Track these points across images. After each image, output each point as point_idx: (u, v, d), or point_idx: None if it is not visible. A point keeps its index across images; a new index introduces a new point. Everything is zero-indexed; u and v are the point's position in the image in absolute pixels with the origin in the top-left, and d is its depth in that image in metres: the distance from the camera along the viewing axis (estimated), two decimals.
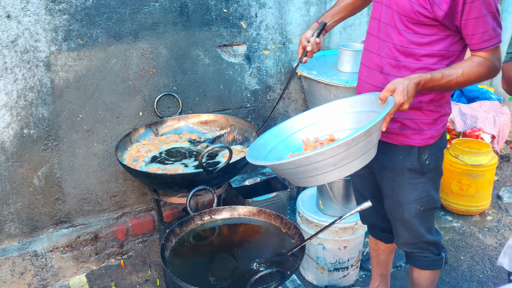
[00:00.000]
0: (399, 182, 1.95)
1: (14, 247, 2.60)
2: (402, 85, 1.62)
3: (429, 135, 1.88)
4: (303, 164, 1.56)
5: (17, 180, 2.50)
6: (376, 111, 1.72)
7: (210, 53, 2.86)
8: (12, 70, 2.32)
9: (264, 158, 1.85)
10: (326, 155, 1.52)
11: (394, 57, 1.80)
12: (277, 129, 1.98)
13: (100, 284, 2.72)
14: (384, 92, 1.65)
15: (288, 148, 1.93)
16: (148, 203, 2.97)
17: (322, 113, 1.96)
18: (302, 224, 2.69)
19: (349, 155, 1.56)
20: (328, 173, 1.60)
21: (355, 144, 1.53)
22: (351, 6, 2.14)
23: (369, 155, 1.67)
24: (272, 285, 1.59)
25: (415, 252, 2.09)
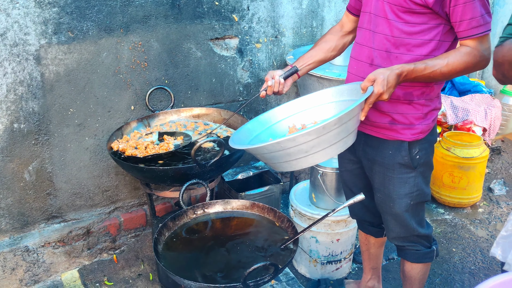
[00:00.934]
0: (390, 177, 1.95)
1: (5, 243, 2.58)
2: (382, 75, 1.62)
3: (420, 129, 1.87)
4: (275, 149, 1.58)
5: (7, 175, 2.48)
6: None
7: (202, 46, 2.84)
8: (1, 63, 2.29)
9: (249, 143, 1.86)
10: (296, 142, 1.53)
11: (385, 48, 1.80)
12: (263, 117, 1.99)
13: (93, 279, 2.71)
14: (365, 82, 1.66)
15: (273, 135, 1.95)
16: (140, 198, 2.95)
17: (308, 102, 1.98)
18: (295, 217, 2.69)
19: (321, 143, 1.57)
20: (302, 159, 1.62)
21: (326, 132, 1.54)
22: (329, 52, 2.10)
23: (345, 143, 1.67)
24: (265, 278, 1.59)
25: (406, 246, 2.10)
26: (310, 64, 2.09)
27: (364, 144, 1.97)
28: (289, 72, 2.03)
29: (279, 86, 2.00)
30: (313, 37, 3.25)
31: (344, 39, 2.10)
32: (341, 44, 2.10)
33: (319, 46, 2.10)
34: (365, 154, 1.91)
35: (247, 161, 3.29)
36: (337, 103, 1.91)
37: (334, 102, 1.92)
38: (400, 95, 1.82)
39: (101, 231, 2.82)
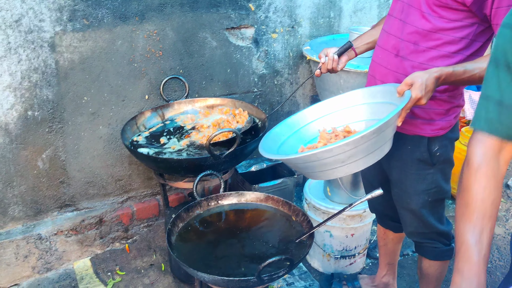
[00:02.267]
0: (407, 172, 1.90)
1: (18, 230, 2.58)
2: (420, 79, 1.56)
3: (440, 126, 1.81)
4: (311, 160, 1.54)
5: (21, 162, 2.47)
6: (394, 104, 1.65)
7: (217, 36, 2.80)
8: (16, 50, 2.28)
9: (277, 149, 1.82)
10: (333, 153, 1.49)
11: (413, 40, 1.73)
12: (291, 120, 1.94)
13: (105, 268, 2.71)
14: (402, 86, 1.59)
15: (301, 140, 1.89)
16: (153, 188, 2.94)
17: (339, 103, 1.91)
18: (309, 211, 2.66)
19: (358, 152, 1.52)
20: (337, 169, 1.57)
21: (364, 142, 1.49)
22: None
23: (381, 151, 1.62)
24: (280, 272, 1.56)
25: (424, 242, 2.06)
26: (369, 43, 2.05)
27: None
28: (343, 48, 1.98)
29: (332, 63, 1.96)
30: (330, 28, 3.20)
31: None
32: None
33: (380, 26, 2.02)
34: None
35: None
36: (369, 105, 1.84)
37: (366, 104, 1.84)
38: None
39: (113, 221, 2.82)
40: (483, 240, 1.15)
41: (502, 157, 1.16)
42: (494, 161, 1.16)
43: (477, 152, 1.16)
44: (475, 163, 1.16)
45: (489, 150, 1.15)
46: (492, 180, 1.16)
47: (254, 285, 1.57)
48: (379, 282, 2.51)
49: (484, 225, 1.16)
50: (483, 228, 1.16)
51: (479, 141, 1.17)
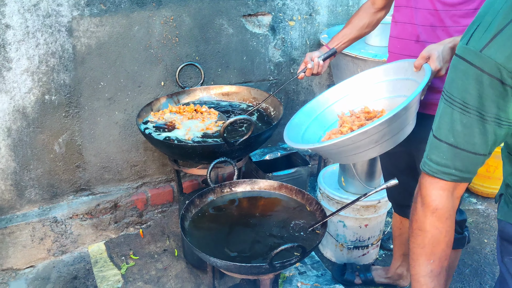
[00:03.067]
0: None
1: (34, 213, 2.62)
2: (437, 52, 1.56)
3: None
4: (345, 144, 1.54)
5: (38, 146, 2.50)
6: (411, 79, 1.67)
7: (234, 23, 2.78)
8: (34, 34, 2.29)
9: (301, 138, 1.82)
10: (368, 134, 1.49)
11: (429, 23, 1.73)
12: (307, 108, 1.95)
13: (119, 252, 2.74)
14: (419, 60, 1.60)
15: (322, 125, 1.90)
16: (168, 174, 2.95)
17: (353, 84, 1.92)
18: (323, 200, 2.64)
19: (392, 130, 1.54)
20: (370, 149, 1.58)
21: (397, 119, 1.50)
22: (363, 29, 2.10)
23: (409, 127, 1.64)
24: (292, 260, 1.55)
25: None
26: (345, 43, 2.11)
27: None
28: (328, 54, 2.07)
29: (318, 68, 2.03)
30: (348, 16, 3.15)
31: (377, 15, 2.09)
32: (374, 20, 2.09)
33: (352, 24, 2.10)
34: (413, 133, 1.85)
35: (275, 142, 3.25)
36: (384, 83, 1.84)
37: (381, 83, 1.85)
38: None
39: (128, 206, 2.84)
40: (441, 281, 1.16)
41: (456, 194, 1.15)
42: (449, 201, 1.15)
43: (432, 194, 1.14)
44: (431, 205, 1.15)
45: (444, 191, 1.14)
46: (448, 221, 1.16)
47: (266, 271, 1.57)
48: (393, 274, 2.50)
49: (441, 266, 1.17)
50: (440, 270, 1.17)
51: (433, 183, 1.14)
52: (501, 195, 1.32)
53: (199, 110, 2.42)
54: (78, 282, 2.54)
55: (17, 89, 2.34)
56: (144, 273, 2.59)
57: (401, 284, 2.52)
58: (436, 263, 1.17)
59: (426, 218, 1.16)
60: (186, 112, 2.41)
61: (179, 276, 2.58)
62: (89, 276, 2.58)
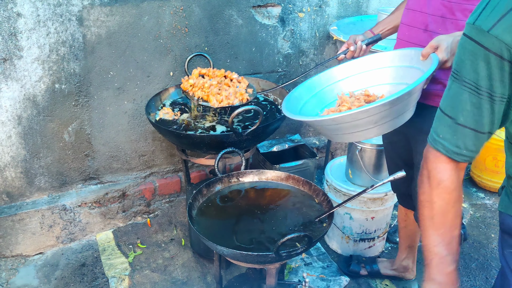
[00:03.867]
0: None
1: (43, 200, 2.65)
2: (446, 42, 1.56)
3: None
4: (345, 121, 1.55)
5: (47, 134, 2.52)
6: (416, 68, 1.67)
7: (243, 14, 2.78)
8: (45, 23, 2.31)
9: (299, 112, 1.82)
10: (369, 113, 1.50)
11: (440, 13, 1.72)
12: (311, 82, 1.94)
13: (126, 241, 2.76)
14: (427, 49, 1.60)
15: (321, 103, 1.91)
16: (175, 164, 2.97)
17: (356, 67, 1.92)
18: (330, 192, 2.65)
19: (391, 113, 1.54)
20: (368, 130, 1.59)
21: (399, 102, 1.51)
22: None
23: (408, 114, 1.65)
24: (298, 249, 1.56)
25: None
26: (390, 29, 2.08)
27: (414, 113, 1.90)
28: (372, 40, 2.04)
29: (360, 51, 2.00)
30: (358, 9, 3.14)
31: None
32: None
33: (400, 11, 2.05)
34: (412, 122, 1.85)
35: (283, 134, 3.25)
36: (388, 69, 1.85)
37: (385, 68, 1.85)
38: None
39: (136, 195, 2.86)
40: (453, 249, 1.17)
41: (460, 166, 1.15)
42: (454, 173, 1.15)
43: (438, 167, 1.15)
44: (436, 178, 1.15)
45: (449, 164, 1.14)
46: (455, 192, 1.16)
47: (272, 260, 1.58)
48: (399, 266, 2.50)
49: (452, 235, 1.17)
50: (451, 239, 1.17)
51: (438, 157, 1.15)
52: (503, 188, 1.32)
53: (229, 76, 2.35)
54: (86, 269, 2.57)
55: (28, 78, 2.36)
56: (151, 261, 2.62)
57: (406, 277, 2.52)
58: (446, 233, 1.17)
59: (432, 190, 1.16)
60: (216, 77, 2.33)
61: (185, 265, 2.60)
62: (97, 264, 2.61)
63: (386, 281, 2.54)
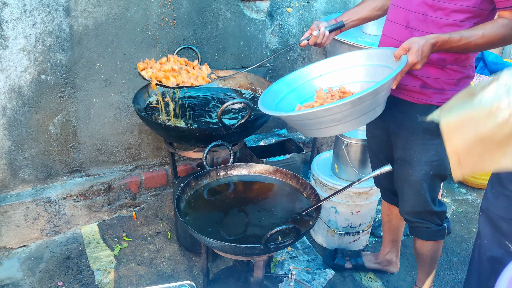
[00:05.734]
0: (413, 141, 1.92)
1: (28, 193, 2.62)
2: (417, 45, 1.60)
3: (450, 95, 1.83)
4: (309, 118, 1.60)
5: (32, 126, 2.49)
6: (390, 67, 1.73)
7: (232, 7, 2.78)
8: (31, 13, 2.27)
9: (276, 106, 1.86)
10: (331, 112, 1.54)
11: (422, 11, 1.75)
12: (289, 78, 1.99)
13: (112, 234, 2.75)
14: (399, 50, 1.65)
15: (299, 97, 1.95)
16: (162, 158, 2.96)
17: (336, 63, 1.96)
18: (316, 186, 2.67)
19: (354, 112, 1.58)
20: (333, 127, 1.63)
21: (361, 102, 1.54)
22: (375, 10, 2.05)
23: (375, 113, 1.68)
24: (286, 241, 1.58)
25: (416, 222, 2.08)
26: (354, 21, 2.07)
27: (393, 108, 1.93)
28: (336, 26, 2.02)
29: (323, 38, 1.98)
30: (346, 4, 3.16)
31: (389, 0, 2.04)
32: (387, 4, 2.03)
33: (366, 3, 2.06)
34: (393, 118, 1.88)
35: (270, 128, 3.26)
36: (365, 67, 1.89)
37: (362, 66, 1.90)
38: (433, 59, 1.77)
39: (122, 188, 2.85)
40: None
41: None
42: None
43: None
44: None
45: None
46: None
47: (260, 252, 1.60)
48: (382, 259, 2.54)
49: None
50: None
51: None
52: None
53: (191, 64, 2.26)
54: (71, 262, 2.55)
55: (13, 68, 2.33)
56: (137, 254, 2.61)
57: (390, 270, 2.56)
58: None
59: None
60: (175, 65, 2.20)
61: (172, 258, 2.60)
62: (82, 257, 2.59)
63: (370, 274, 2.58)
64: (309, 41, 1.99)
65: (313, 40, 1.99)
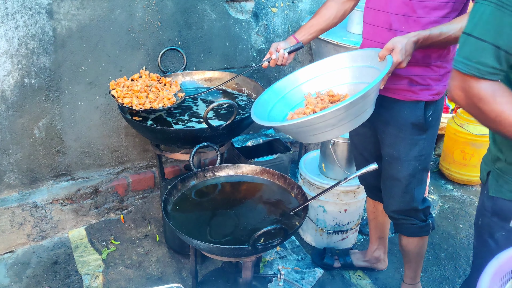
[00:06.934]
0: (402, 137, 1.95)
1: (13, 198, 2.59)
2: (400, 44, 1.63)
3: (437, 91, 1.88)
4: (304, 125, 1.61)
5: (17, 130, 2.47)
6: (376, 68, 1.75)
7: (217, 8, 2.77)
8: (13, 16, 2.25)
9: (268, 115, 1.86)
10: (325, 118, 1.56)
11: (403, 12, 1.77)
12: (277, 86, 2.00)
13: (100, 238, 2.73)
14: (383, 51, 1.67)
15: (289, 104, 1.95)
16: (149, 160, 2.94)
17: (322, 67, 1.97)
18: (304, 186, 2.68)
19: (348, 116, 1.60)
20: (328, 132, 1.65)
21: (354, 106, 1.56)
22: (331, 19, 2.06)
23: (367, 114, 1.71)
24: (274, 242, 1.58)
25: (401, 219, 2.10)
26: (312, 34, 2.09)
27: (379, 106, 1.94)
28: (294, 48, 2.05)
29: (282, 59, 2.02)
30: None
31: (345, 5, 2.06)
32: (342, 11, 2.06)
33: (320, 14, 2.07)
34: (379, 116, 1.90)
35: (257, 129, 3.26)
36: (350, 69, 1.90)
37: (348, 68, 1.91)
38: (419, 58, 1.80)
39: (109, 191, 2.83)
40: None
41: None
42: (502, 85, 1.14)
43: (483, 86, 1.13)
44: (489, 93, 1.12)
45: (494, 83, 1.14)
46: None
47: (248, 253, 1.60)
48: (371, 257, 2.56)
49: None
50: None
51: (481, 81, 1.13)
52: (489, 173, 1.37)
53: (164, 81, 2.32)
54: (59, 267, 2.53)
55: None
56: (126, 258, 2.60)
57: (378, 267, 2.58)
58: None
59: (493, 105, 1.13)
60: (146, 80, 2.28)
61: (160, 260, 2.59)
62: (69, 261, 2.57)
63: (359, 272, 2.59)
64: (270, 63, 2.03)
65: (273, 62, 2.03)
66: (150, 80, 2.30)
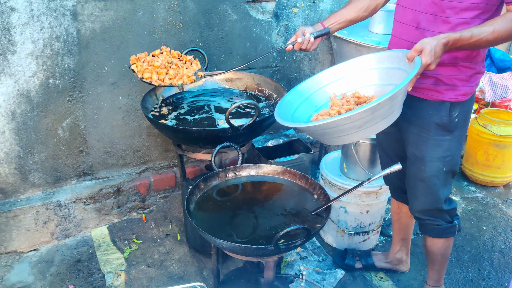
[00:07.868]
0: (425, 137, 1.92)
1: (38, 197, 2.63)
2: (429, 46, 1.59)
3: (463, 91, 1.84)
4: (329, 127, 1.59)
5: (42, 130, 2.51)
6: (403, 69, 1.71)
7: (238, 9, 2.78)
8: (38, 18, 2.29)
9: (292, 116, 1.84)
10: (351, 119, 1.53)
11: (432, 11, 1.74)
12: (302, 87, 1.97)
13: (122, 237, 2.76)
14: (412, 52, 1.63)
15: (313, 105, 1.93)
16: (170, 160, 2.97)
17: (348, 68, 1.94)
18: (325, 187, 2.66)
19: (374, 118, 1.57)
20: (353, 134, 1.62)
21: (381, 108, 1.54)
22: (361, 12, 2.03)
23: (394, 116, 1.67)
24: (297, 242, 1.58)
25: (427, 220, 2.07)
26: (341, 23, 2.05)
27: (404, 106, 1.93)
28: (321, 33, 2.01)
29: (307, 44, 1.98)
30: None
31: (378, 0, 2.03)
32: (374, 4, 2.03)
33: (351, 5, 2.05)
34: (403, 114, 1.88)
35: (277, 129, 3.26)
36: (377, 71, 1.87)
37: (374, 69, 1.88)
38: (446, 58, 1.77)
39: (131, 191, 2.86)
40: None
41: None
42: None
43: None
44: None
45: None
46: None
47: (271, 253, 1.60)
48: (393, 258, 2.53)
49: None
50: None
51: None
52: None
53: (185, 58, 2.33)
54: (82, 265, 2.57)
55: (22, 73, 2.34)
56: (147, 256, 2.62)
57: (400, 269, 2.55)
58: None
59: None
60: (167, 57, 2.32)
61: (182, 260, 2.60)
62: (92, 260, 2.60)
63: (381, 274, 2.57)
64: (294, 46, 2.00)
65: (298, 46, 1.99)
66: (171, 57, 2.32)
